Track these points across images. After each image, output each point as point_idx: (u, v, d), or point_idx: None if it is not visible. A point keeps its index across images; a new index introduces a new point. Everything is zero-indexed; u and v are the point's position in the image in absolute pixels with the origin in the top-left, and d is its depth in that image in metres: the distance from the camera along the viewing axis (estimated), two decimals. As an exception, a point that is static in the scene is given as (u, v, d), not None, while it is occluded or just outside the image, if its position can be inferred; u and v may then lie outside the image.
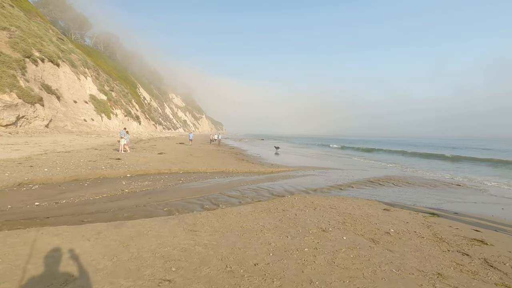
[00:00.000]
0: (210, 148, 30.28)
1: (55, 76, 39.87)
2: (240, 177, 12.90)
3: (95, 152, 18.55)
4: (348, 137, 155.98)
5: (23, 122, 30.04)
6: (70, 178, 10.31)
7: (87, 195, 8.15)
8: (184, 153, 21.56)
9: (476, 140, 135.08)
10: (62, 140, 26.78)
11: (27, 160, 13.06)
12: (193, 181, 11.42)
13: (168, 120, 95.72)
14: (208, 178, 12.20)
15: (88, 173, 11.09)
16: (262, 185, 11.12)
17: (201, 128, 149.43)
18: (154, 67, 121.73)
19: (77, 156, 15.50)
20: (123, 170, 12.20)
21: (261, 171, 14.97)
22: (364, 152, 38.54)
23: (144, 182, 10.54)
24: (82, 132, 39.07)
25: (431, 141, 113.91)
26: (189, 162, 16.02)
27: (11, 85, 29.26)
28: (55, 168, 11.48)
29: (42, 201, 7.29)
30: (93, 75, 51.85)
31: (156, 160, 15.79)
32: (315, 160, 24.30)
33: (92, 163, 13.49)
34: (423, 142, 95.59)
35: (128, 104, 60.87)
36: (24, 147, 18.43)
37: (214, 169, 14.35)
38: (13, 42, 34.01)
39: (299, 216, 6.61)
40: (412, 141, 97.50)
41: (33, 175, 9.96)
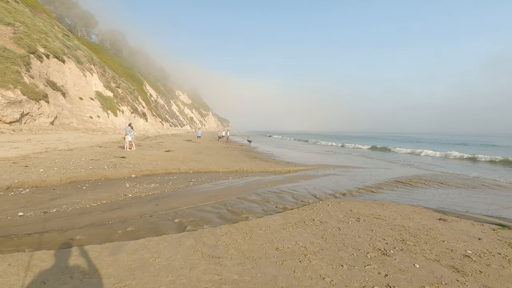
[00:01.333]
0: (219, 145, 28.89)
1: (60, 73, 38.77)
2: (257, 178, 11.50)
3: (99, 150, 17.30)
4: (352, 134, 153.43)
5: (27, 119, 28.97)
6: (67, 180, 9.00)
7: (83, 201, 6.82)
8: (193, 151, 20.21)
9: (478, 136, 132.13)
10: (66, 137, 25.63)
11: (24, 159, 11.81)
12: (205, 182, 10.04)
13: (174, 117, 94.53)
14: (221, 179, 10.82)
15: (88, 173, 9.78)
16: (283, 187, 9.71)
17: (208, 125, 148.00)
18: (160, 65, 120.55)
19: (79, 155, 14.24)
20: (127, 170, 10.88)
21: (278, 171, 13.55)
22: (376, 150, 36.83)
23: (150, 184, 9.18)
24: (88, 129, 37.98)
25: (433, 137, 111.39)
26: (199, 161, 14.66)
27: (15, 82, 28.16)
28: (52, 168, 10.20)
29: (28, 210, 5.97)
30: (99, 72, 50.74)
31: (163, 159, 14.46)
32: (329, 157, 22.80)
33: (94, 162, 12.20)
34: (427, 138, 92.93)
35: (134, 101, 59.74)
36: (25, 145, 17.24)
37: (227, 169, 12.97)
38: (17, 37, 32.92)
39: (344, 231, 5.19)
40: (415, 138, 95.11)
41: (25, 176, 8.68)
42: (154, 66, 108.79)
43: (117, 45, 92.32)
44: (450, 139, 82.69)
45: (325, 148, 36.18)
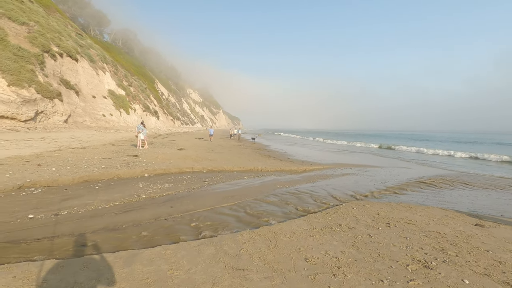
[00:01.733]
0: (231, 144, 28.56)
1: (73, 71, 39.07)
2: (272, 177, 11.08)
3: (111, 148, 17.16)
4: (362, 132, 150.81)
5: (42, 118, 29.21)
6: (79, 180, 8.76)
7: (95, 202, 6.52)
8: (205, 149, 19.93)
9: (492, 134, 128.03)
10: (80, 135, 25.70)
11: (37, 157, 11.68)
12: (219, 182, 9.67)
13: (186, 115, 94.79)
14: (236, 178, 10.44)
15: (101, 173, 9.53)
16: (300, 188, 9.27)
17: (219, 123, 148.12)
18: (171, 63, 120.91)
19: (92, 153, 14.08)
20: (140, 169, 10.60)
21: (293, 170, 13.10)
22: (389, 149, 35.87)
23: (164, 184, 8.86)
24: (101, 128, 38.19)
25: (445, 135, 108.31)
26: (212, 159, 14.32)
27: (30, 80, 28.39)
28: (64, 167, 9.99)
29: (38, 211, 5.70)
30: (111, 70, 51.04)
31: (176, 157, 14.18)
32: (343, 156, 22.18)
33: (107, 160, 11.99)
34: (439, 136, 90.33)
35: (146, 99, 59.99)
36: (39, 143, 17.23)
37: (241, 168, 12.59)
38: (31, 37, 33.21)
39: (376, 239, 4.74)
40: (427, 136, 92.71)
41: (37, 175, 8.47)
42: (165, 64, 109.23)
43: (129, 44, 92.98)
44: (463, 137, 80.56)
45: (336, 147, 35.42)
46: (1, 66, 26.14)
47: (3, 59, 26.72)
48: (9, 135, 20.26)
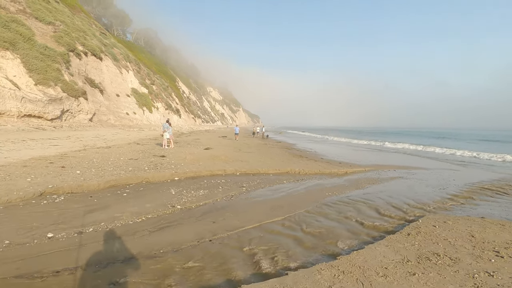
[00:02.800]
0: (256, 142, 27.44)
1: (98, 70, 39.09)
2: (315, 182, 9.84)
3: (137, 147, 16.42)
4: (387, 129, 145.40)
5: (67, 116, 29.14)
6: (105, 185, 7.86)
7: (124, 215, 5.52)
8: (232, 149, 18.89)
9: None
10: (104, 134, 25.32)
11: (61, 158, 10.96)
12: (258, 187, 8.54)
13: (206, 113, 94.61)
14: (275, 183, 9.28)
15: (128, 176, 8.61)
16: (352, 196, 8.00)
17: (238, 121, 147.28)
18: (191, 61, 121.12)
19: (117, 153, 13.32)
20: (170, 172, 9.62)
21: (334, 172, 11.80)
22: (421, 147, 33.57)
23: (198, 190, 7.81)
24: (125, 126, 38.04)
25: (475, 133, 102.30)
26: (243, 161, 13.22)
27: (56, 79, 28.33)
28: (89, 169, 9.16)
29: (59, 228, 4.74)
30: (134, 69, 51.06)
31: (205, 158, 13.19)
32: (379, 156, 20.55)
33: (134, 162, 11.12)
34: (468, 134, 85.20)
35: (168, 97, 59.87)
36: (65, 142, 16.72)
37: (277, 170, 11.42)
38: (57, 36, 33.28)
39: (501, 279, 3.45)
40: (455, 134, 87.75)
41: (60, 180, 7.63)
42: (185, 63, 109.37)
43: (151, 43, 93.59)
44: (498, 135, 75.79)
45: (365, 146, 33.44)
46: (28, 65, 26.12)
47: (30, 59, 26.69)
48: (36, 134, 19.98)
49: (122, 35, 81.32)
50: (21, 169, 8.53)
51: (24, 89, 24.57)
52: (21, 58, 25.96)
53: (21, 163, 9.45)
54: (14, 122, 22.33)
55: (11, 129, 20.03)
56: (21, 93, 23.79)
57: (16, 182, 7.11)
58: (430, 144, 36.21)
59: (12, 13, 28.90)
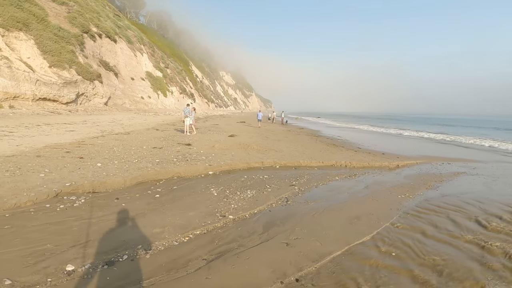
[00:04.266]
0: (280, 129, 25.81)
1: (112, 53, 37.66)
2: (371, 178, 8.29)
3: (157, 134, 15.10)
4: (403, 116, 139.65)
5: (82, 100, 27.99)
6: (132, 181, 6.50)
7: (166, 230, 4.11)
8: (258, 136, 17.39)
9: None
10: (120, 118, 24.14)
11: (79, 146, 9.68)
12: (311, 186, 7.04)
13: (219, 98, 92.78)
14: (327, 180, 7.77)
15: (157, 171, 7.24)
16: (430, 199, 6.43)
17: (251, 106, 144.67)
18: (204, 45, 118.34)
19: (138, 140, 12.00)
20: (203, 165, 8.20)
21: (385, 165, 10.19)
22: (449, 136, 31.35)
23: (244, 190, 6.36)
24: (140, 110, 36.87)
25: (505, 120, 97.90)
26: (277, 150, 11.71)
27: (70, 61, 27.04)
28: (111, 161, 7.82)
29: (82, 256, 3.36)
30: (148, 52, 49.43)
31: (234, 147, 11.75)
32: (417, 145, 18.60)
33: (158, 151, 9.76)
34: (496, 122, 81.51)
35: (182, 81, 58.27)
36: (81, 127, 15.52)
37: (320, 162, 9.88)
38: (71, 17, 31.82)
39: None
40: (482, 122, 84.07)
41: (80, 175, 6.29)
42: (199, 46, 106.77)
43: (164, 26, 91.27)
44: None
45: (391, 134, 31.22)
46: (42, 47, 24.83)
47: (44, 40, 25.37)
48: (51, 118, 18.86)
49: (135, 18, 79.28)
50: (34, 160, 7.25)
51: (38, 72, 23.38)
52: (35, 39, 24.65)
53: (34, 152, 8.19)
54: (29, 105, 21.25)
55: (26, 112, 18.95)
56: (36, 75, 22.61)
57: (27, 178, 5.81)
58: (453, 132, 33.99)
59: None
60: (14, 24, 23.14)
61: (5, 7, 23.17)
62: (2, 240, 3.59)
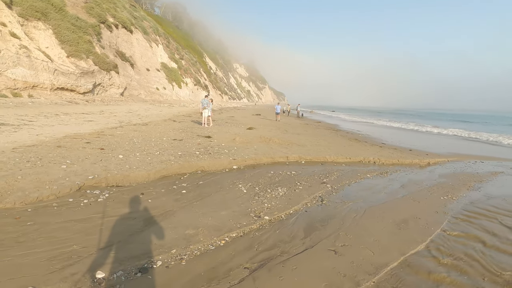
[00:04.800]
0: (296, 122, 25.27)
1: (128, 43, 37.53)
2: (404, 176, 7.75)
3: (174, 125, 14.82)
4: (411, 111, 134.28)
5: (99, 90, 27.99)
6: (156, 175, 6.17)
7: (200, 233, 3.72)
8: (277, 129, 16.94)
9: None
10: (137, 109, 24.03)
11: (98, 136, 9.44)
12: (343, 184, 6.56)
13: (232, 90, 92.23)
14: (359, 177, 7.26)
15: (181, 164, 6.89)
16: (475, 201, 5.88)
17: (264, 99, 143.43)
18: (218, 36, 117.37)
19: (157, 131, 11.72)
20: (227, 159, 7.82)
21: (415, 163, 9.60)
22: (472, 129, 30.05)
23: (274, 187, 5.93)
24: (155, 101, 36.80)
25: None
26: (300, 144, 11.24)
27: (87, 51, 26.98)
28: (133, 153, 7.52)
29: (112, 260, 3.04)
30: (163, 43, 49.21)
31: (255, 140, 11.33)
32: (443, 141, 17.80)
33: (179, 144, 9.43)
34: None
35: (197, 73, 57.95)
36: (98, 117, 15.38)
37: (348, 158, 9.36)
38: (88, 7, 31.73)
39: None
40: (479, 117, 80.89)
41: (102, 168, 6.00)
42: (213, 38, 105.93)
43: (179, 17, 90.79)
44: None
45: (414, 128, 29.91)
46: (60, 37, 24.80)
47: (62, 30, 25.32)
48: (69, 107, 18.83)
49: (150, 9, 79.01)
50: (54, 150, 7.01)
51: (56, 61, 23.37)
52: (53, 29, 24.62)
53: (54, 142, 7.96)
54: (47, 95, 21.30)
55: (44, 102, 18.96)
56: (54, 65, 22.61)
57: (49, 170, 5.54)
58: (474, 129, 32.70)
59: (43, -18, 27.41)
60: (33, 13, 23.12)
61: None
62: (26, 239, 3.29)
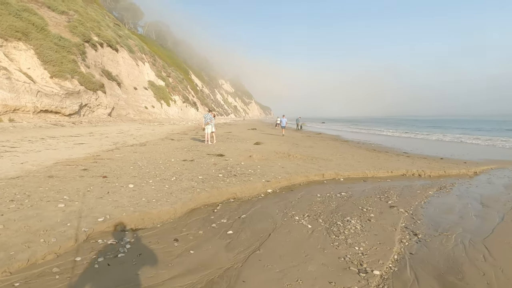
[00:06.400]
0: (297, 135, 24.08)
1: (114, 62, 35.96)
2: (466, 189, 6.59)
3: (175, 144, 13.35)
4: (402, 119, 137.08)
5: (86, 111, 26.17)
6: (183, 208, 4.72)
7: None
8: (285, 142, 15.67)
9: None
10: (128, 129, 22.34)
11: (95, 161, 7.89)
12: (417, 207, 5.21)
13: (219, 106, 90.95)
14: (420, 195, 5.98)
15: (208, 192, 5.45)
16: None
17: (251, 113, 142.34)
18: (203, 54, 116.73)
19: (160, 152, 10.23)
20: (259, 181, 6.41)
21: (463, 173, 8.48)
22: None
23: (343, 219, 4.51)
24: (144, 120, 35.06)
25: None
26: (326, 159, 9.93)
27: (72, 71, 25.29)
28: (144, 179, 6.03)
29: None
30: (150, 61, 47.81)
31: (273, 156, 9.99)
32: (467, 149, 16.71)
33: (192, 165, 7.98)
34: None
35: (185, 90, 56.57)
36: (89, 139, 13.73)
37: (389, 172, 8.10)
38: (71, 26, 30.22)
39: None
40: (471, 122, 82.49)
41: (112, 203, 4.50)
42: (197, 56, 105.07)
43: (163, 36, 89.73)
44: None
45: (419, 137, 28.98)
46: (43, 57, 23.12)
47: (44, 49, 23.66)
48: (55, 130, 17.04)
49: (133, 29, 77.74)
50: (45, 182, 5.47)
51: (39, 82, 21.60)
52: (34, 49, 22.92)
53: (44, 171, 6.40)
54: (30, 118, 19.41)
55: (27, 126, 17.11)
56: (37, 86, 20.84)
57: (42, 212, 4.02)
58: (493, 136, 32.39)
59: (23, 2, 25.79)
60: (12, 33, 21.46)
61: (3, 16, 21.49)
62: None
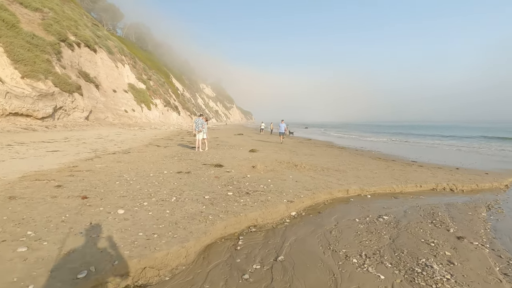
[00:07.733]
0: (290, 141, 22.91)
1: (92, 63, 33.64)
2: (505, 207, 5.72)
3: (162, 151, 11.92)
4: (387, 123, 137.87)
5: (61, 114, 23.95)
6: (196, 247, 3.45)
7: None
8: (282, 150, 14.51)
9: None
10: (107, 134, 20.49)
11: (72, 174, 6.41)
12: (479, 230, 4.31)
13: (201, 110, 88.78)
14: (471, 216, 5.04)
15: (224, 221, 4.20)
16: None
17: (232, 118, 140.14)
18: (184, 57, 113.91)
19: (147, 161, 8.81)
20: (281, 203, 5.20)
21: (495, 187, 7.65)
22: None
23: (418, 261, 3.43)
24: (124, 124, 32.95)
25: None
26: (340, 170, 8.82)
27: (46, 72, 23.07)
28: (136, 201, 4.67)
29: None
30: (130, 63, 45.49)
31: (279, 166, 8.81)
32: (471, 157, 16.11)
33: (190, 178, 6.65)
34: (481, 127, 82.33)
35: (166, 93, 54.39)
36: (64, 146, 12.02)
37: (418, 187, 7.09)
38: (46, 24, 27.83)
39: None
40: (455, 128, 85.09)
41: (97, 245, 3.18)
42: (178, 59, 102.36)
43: (143, 38, 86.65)
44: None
45: (410, 141, 28.54)
46: (13, 55, 20.85)
47: (15, 48, 21.39)
48: (25, 135, 15.08)
49: (112, 30, 74.53)
50: (4, 207, 4.02)
51: (8, 83, 19.38)
52: (4, 47, 20.65)
53: (5, 189, 4.93)
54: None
55: (-8, 130, 15.04)
56: (5, 87, 18.67)
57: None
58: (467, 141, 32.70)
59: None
60: (-21, 29, 19.21)
61: (-32, 10, 19.19)
62: None
